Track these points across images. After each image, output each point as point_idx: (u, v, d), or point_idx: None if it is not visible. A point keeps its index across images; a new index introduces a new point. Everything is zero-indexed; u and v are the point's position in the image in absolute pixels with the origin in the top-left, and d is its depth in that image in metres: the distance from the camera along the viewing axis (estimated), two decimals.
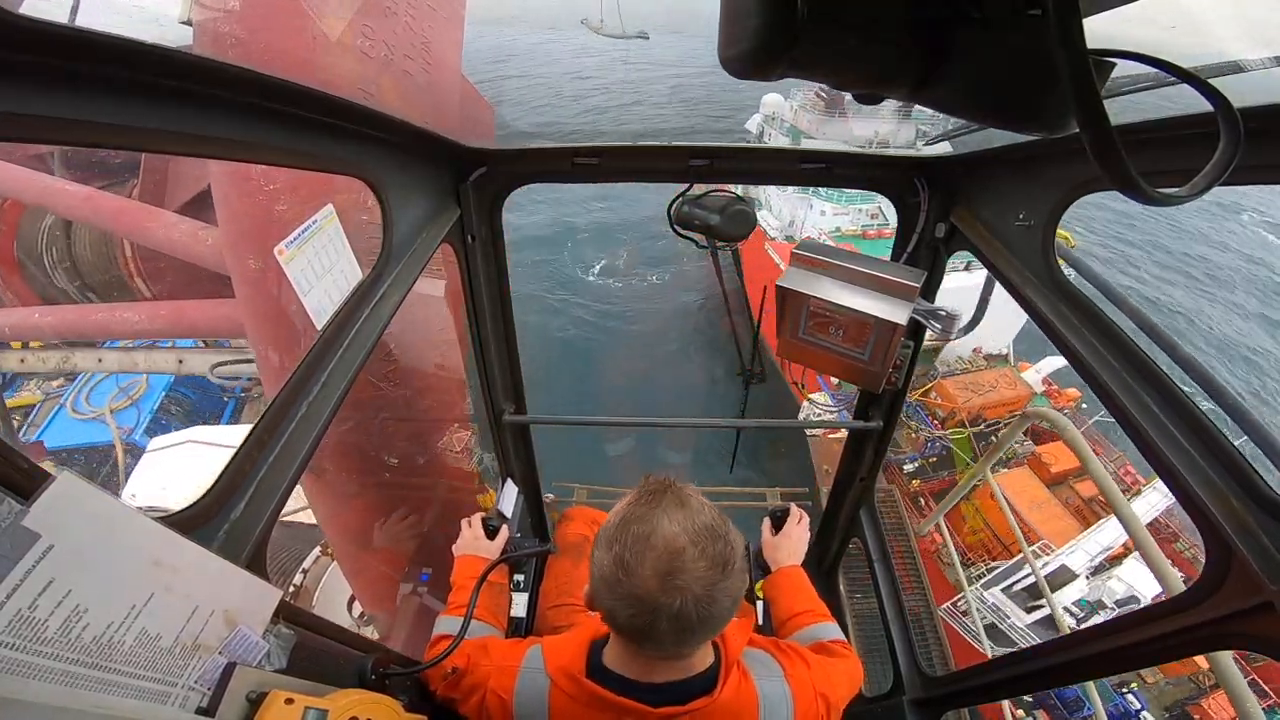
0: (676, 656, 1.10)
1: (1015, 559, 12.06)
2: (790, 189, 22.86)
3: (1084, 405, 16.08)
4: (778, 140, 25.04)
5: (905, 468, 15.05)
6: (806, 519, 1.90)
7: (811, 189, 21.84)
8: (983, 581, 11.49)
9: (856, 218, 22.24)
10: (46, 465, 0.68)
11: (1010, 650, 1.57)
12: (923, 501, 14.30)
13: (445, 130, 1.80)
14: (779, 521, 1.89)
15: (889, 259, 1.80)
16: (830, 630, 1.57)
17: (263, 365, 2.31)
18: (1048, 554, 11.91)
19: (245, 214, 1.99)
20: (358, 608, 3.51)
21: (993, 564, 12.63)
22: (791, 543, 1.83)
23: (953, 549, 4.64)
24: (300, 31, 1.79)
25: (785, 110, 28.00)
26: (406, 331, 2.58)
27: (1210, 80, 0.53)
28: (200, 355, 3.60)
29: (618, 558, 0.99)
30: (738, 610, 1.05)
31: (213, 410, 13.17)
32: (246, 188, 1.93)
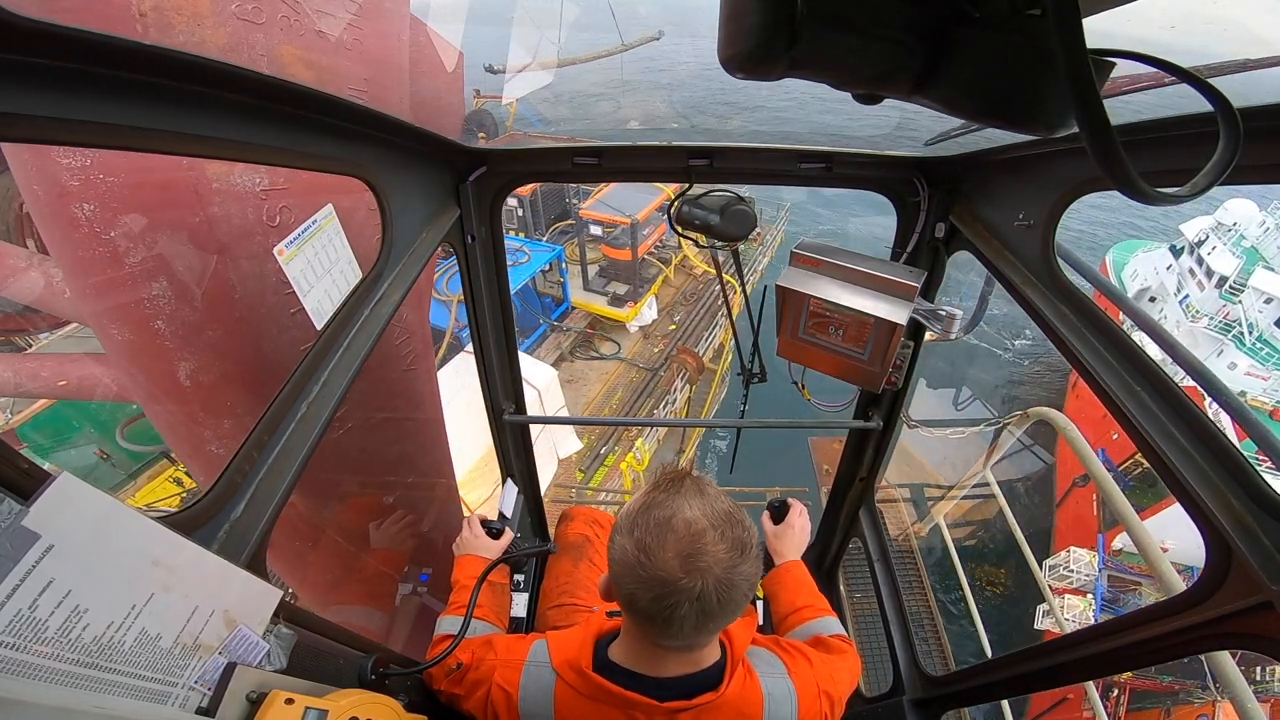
0: (688, 649, 1.11)
1: None
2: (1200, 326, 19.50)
3: None
4: (1221, 255, 20.32)
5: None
6: (806, 511, 1.90)
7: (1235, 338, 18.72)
8: None
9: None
10: None
11: (1010, 651, 1.56)
12: (1115, 692, 13.22)
13: (397, 93, 1.61)
14: (778, 514, 1.89)
15: (889, 259, 1.80)
16: (832, 625, 1.58)
17: (165, 435, 1.87)
18: None
19: (81, 260, 1.44)
20: None
21: None
22: (794, 534, 1.83)
23: (951, 547, 4.64)
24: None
25: (1253, 224, 21.09)
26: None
27: (1210, 80, 0.53)
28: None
29: (639, 542, 1.00)
30: (752, 596, 1.07)
31: (527, 327, 13.85)
32: (76, 236, 1.39)
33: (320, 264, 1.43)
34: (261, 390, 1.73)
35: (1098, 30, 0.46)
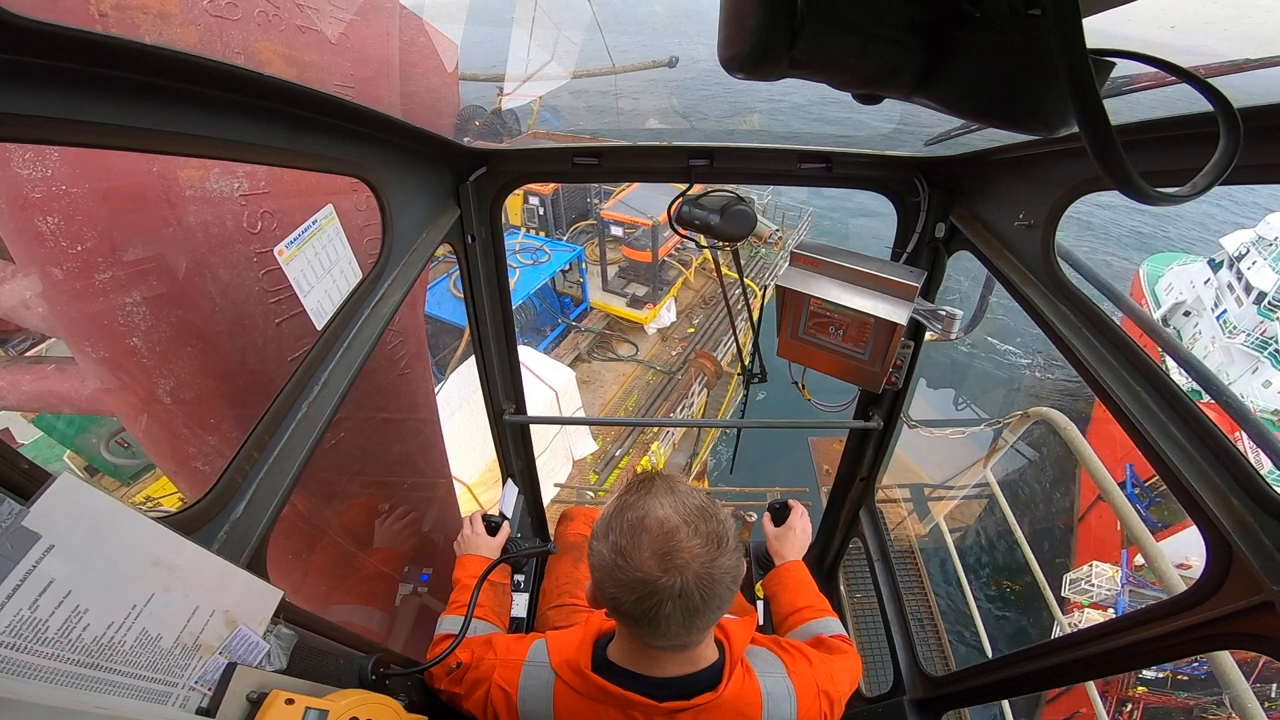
0: (682, 647, 1.11)
1: None
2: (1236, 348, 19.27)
3: None
4: (1260, 270, 19.90)
5: (1144, 672, 12.92)
6: (807, 513, 1.91)
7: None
8: None
9: None
10: None
11: (1010, 651, 1.56)
12: (1129, 707, 13.02)
13: (386, 90, 1.57)
14: (779, 515, 1.89)
15: (889, 259, 1.80)
16: (832, 625, 1.58)
17: (149, 451, 1.75)
18: None
19: (49, 275, 1.35)
20: None
21: None
22: (795, 535, 1.84)
23: (951, 546, 4.64)
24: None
25: None
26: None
27: (1210, 80, 0.53)
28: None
29: (615, 545, 1.01)
30: (737, 590, 1.06)
31: (544, 325, 13.72)
32: (42, 251, 1.30)
33: (320, 264, 1.43)
34: (247, 404, 1.68)
35: (1098, 30, 0.46)
